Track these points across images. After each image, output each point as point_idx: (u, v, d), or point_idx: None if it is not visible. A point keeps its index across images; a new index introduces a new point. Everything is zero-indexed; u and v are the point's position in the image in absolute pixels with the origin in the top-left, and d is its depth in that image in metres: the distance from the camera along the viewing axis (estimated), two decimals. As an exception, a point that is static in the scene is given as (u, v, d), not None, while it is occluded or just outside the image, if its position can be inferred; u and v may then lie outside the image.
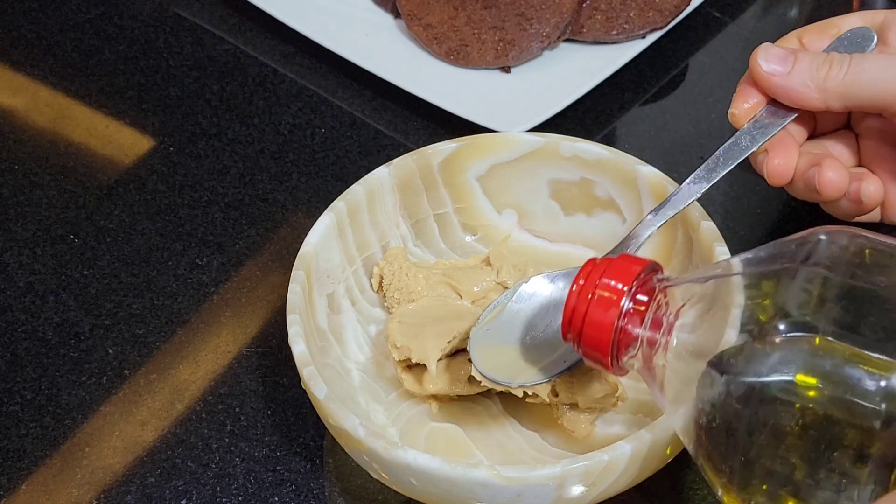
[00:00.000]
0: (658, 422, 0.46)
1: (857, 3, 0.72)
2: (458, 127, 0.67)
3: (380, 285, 0.58)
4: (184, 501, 0.54)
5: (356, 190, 0.57)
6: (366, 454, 0.47)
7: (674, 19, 0.72)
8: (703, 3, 0.77)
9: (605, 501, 0.48)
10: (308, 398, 0.50)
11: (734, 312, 0.42)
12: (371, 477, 0.50)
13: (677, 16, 0.72)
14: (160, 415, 0.57)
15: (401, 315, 0.55)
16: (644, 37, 0.72)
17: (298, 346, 0.50)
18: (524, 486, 0.45)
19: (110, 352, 0.60)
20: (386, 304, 0.58)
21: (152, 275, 0.63)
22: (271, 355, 0.59)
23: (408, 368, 0.54)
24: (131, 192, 0.68)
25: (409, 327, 0.54)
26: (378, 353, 0.57)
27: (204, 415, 0.57)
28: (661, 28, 0.72)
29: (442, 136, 0.65)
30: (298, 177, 0.68)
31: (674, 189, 0.54)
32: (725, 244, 0.53)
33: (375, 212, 0.58)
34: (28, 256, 0.65)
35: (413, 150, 0.59)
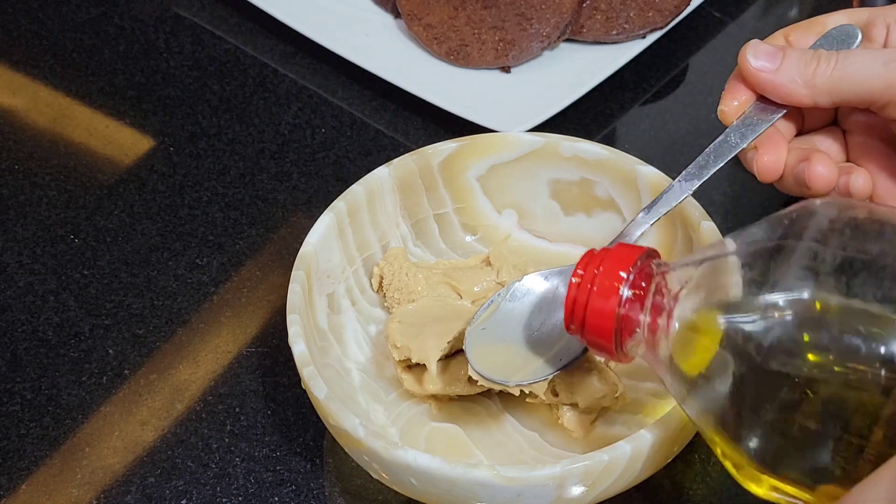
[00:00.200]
0: (658, 422, 0.46)
1: (857, 2, 0.72)
2: (458, 127, 0.67)
3: (380, 285, 0.58)
4: (184, 501, 0.54)
5: (356, 190, 0.57)
6: (366, 454, 0.47)
7: (674, 19, 0.72)
8: (703, 3, 0.77)
9: (605, 501, 0.48)
10: (308, 398, 0.50)
11: (733, 289, 0.42)
12: (371, 477, 0.50)
13: (677, 16, 0.72)
14: (160, 415, 0.57)
15: (401, 315, 0.55)
16: (644, 37, 0.72)
17: (298, 346, 0.50)
18: (524, 486, 0.45)
19: (110, 352, 0.60)
20: (386, 304, 0.58)
21: (152, 275, 0.63)
22: (271, 355, 0.59)
23: (408, 368, 0.54)
24: (131, 192, 0.68)
25: (409, 327, 0.54)
26: (378, 353, 0.57)
27: (204, 415, 0.57)
28: (661, 28, 0.72)
29: (442, 136, 0.65)
30: (298, 177, 0.68)
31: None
32: (725, 244, 0.53)
33: (375, 212, 0.58)
34: (28, 256, 0.65)
35: (413, 150, 0.59)
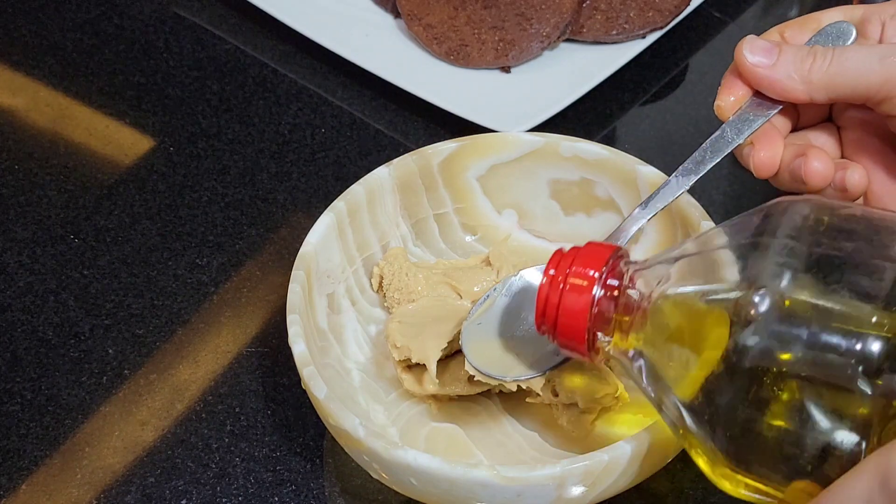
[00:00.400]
0: (658, 422, 0.46)
1: (857, 0, 0.72)
2: (458, 127, 0.67)
3: (380, 285, 0.58)
4: (184, 501, 0.54)
5: (356, 190, 0.57)
6: (366, 454, 0.47)
7: (674, 19, 0.72)
8: (703, 3, 0.77)
9: (605, 501, 0.48)
10: (308, 398, 0.50)
11: (705, 287, 0.42)
12: (371, 477, 0.50)
13: (677, 16, 0.73)
14: (160, 415, 0.57)
15: (401, 315, 0.55)
16: (644, 37, 0.72)
17: (298, 346, 0.50)
18: (524, 486, 0.45)
19: (110, 352, 0.60)
20: (386, 304, 0.58)
21: (152, 275, 0.63)
22: (271, 355, 0.59)
23: (408, 368, 0.54)
24: (131, 192, 0.68)
25: (409, 327, 0.54)
26: (378, 353, 0.57)
27: (204, 415, 0.57)
28: (661, 28, 0.72)
29: (442, 136, 0.65)
30: (298, 177, 0.68)
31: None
32: (725, 244, 0.53)
33: (375, 212, 0.58)
34: (28, 256, 0.65)
35: (413, 150, 0.59)
